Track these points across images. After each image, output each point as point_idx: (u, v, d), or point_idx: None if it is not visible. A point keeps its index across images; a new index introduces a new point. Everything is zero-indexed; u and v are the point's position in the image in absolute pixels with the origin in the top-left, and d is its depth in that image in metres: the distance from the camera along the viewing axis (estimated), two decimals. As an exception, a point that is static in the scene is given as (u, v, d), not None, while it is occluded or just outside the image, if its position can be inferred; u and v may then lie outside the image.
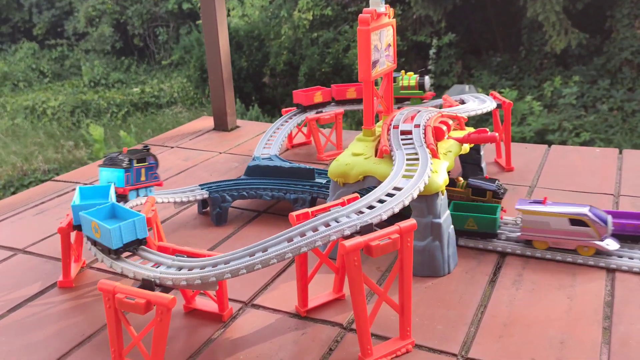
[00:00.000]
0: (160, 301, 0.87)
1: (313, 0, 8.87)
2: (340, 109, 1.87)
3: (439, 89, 8.13)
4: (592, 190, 1.52)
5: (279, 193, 1.45)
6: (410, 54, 8.72)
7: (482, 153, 1.44)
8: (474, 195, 1.33)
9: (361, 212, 0.97)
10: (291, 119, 1.86)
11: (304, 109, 1.86)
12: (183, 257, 0.99)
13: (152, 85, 10.82)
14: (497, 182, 1.32)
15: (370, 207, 0.99)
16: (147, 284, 0.92)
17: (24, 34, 12.71)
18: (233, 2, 9.66)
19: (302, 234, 0.93)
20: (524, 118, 7.06)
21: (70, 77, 11.98)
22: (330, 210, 0.98)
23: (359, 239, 0.89)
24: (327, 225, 0.95)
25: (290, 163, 1.55)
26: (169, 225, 1.46)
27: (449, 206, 1.23)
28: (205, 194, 1.43)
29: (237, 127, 2.24)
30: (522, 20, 8.19)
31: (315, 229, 0.94)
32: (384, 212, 0.97)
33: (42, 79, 11.86)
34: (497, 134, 1.26)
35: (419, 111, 1.36)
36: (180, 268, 0.96)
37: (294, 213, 0.99)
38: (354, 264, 0.89)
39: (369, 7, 1.25)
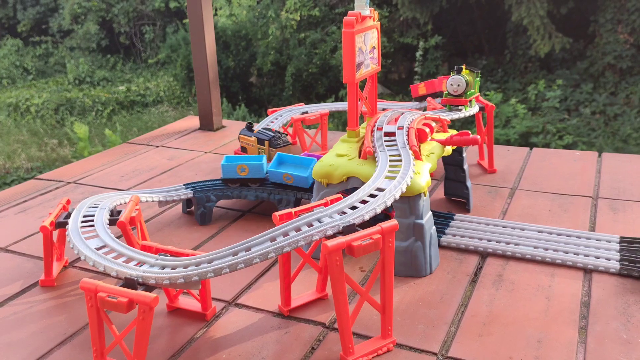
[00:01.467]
0: (143, 300, 0.87)
1: (301, 0, 8.88)
2: (326, 110, 1.88)
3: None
4: (571, 192, 1.55)
5: (263, 193, 1.45)
6: (397, 56, 8.77)
7: (464, 155, 1.45)
8: (259, 145, 1.61)
9: (344, 213, 0.98)
10: (277, 119, 1.86)
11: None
12: (166, 256, 0.99)
13: (138, 84, 10.76)
14: (278, 133, 1.61)
15: (353, 208, 1.00)
16: (130, 283, 0.93)
17: (8, 31, 12.58)
18: (220, 1, 9.65)
19: (285, 234, 0.94)
20: (508, 121, 7.13)
21: (54, 74, 11.87)
22: (313, 211, 0.99)
23: (341, 239, 0.90)
24: (310, 225, 0.95)
25: (274, 163, 1.55)
26: (153, 224, 1.46)
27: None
28: (189, 194, 1.43)
29: (223, 127, 2.24)
30: (507, 24, 8.27)
31: (298, 229, 0.95)
32: (366, 212, 0.98)
33: (26, 76, 11.74)
34: (478, 137, 1.28)
35: (403, 113, 1.38)
36: (163, 267, 0.96)
37: (277, 213, 1.00)
38: (336, 263, 0.90)
39: (354, 9, 1.26)
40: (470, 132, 1.30)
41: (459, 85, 1.56)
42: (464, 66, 1.62)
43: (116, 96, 10.14)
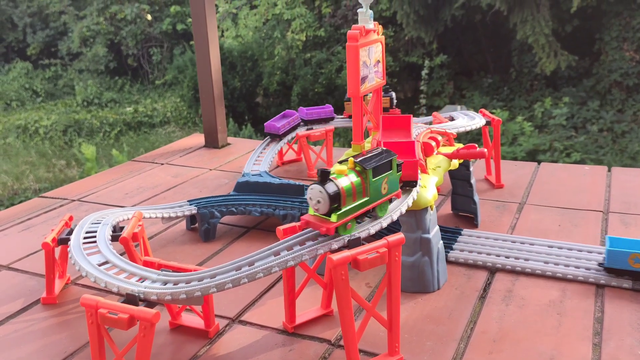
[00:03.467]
0: (144, 316, 0.85)
1: (306, 21, 8.96)
2: (331, 126, 1.87)
3: (431, 110, 8.19)
4: (581, 207, 1.52)
5: (267, 209, 1.44)
6: (402, 75, 8.80)
7: (471, 169, 1.44)
8: None
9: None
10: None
11: None
12: (168, 271, 0.98)
13: (145, 105, 10.83)
14: None
15: (359, 222, 0.98)
16: (131, 299, 0.91)
17: (18, 54, 12.73)
18: (227, 23, 9.74)
19: (289, 248, 0.93)
20: (515, 138, 7.12)
21: (63, 96, 11.98)
22: (317, 224, 0.97)
23: (346, 253, 0.88)
24: (314, 239, 0.94)
25: (279, 179, 1.54)
26: (157, 241, 1.45)
27: None
28: (193, 210, 1.42)
29: (228, 144, 2.23)
30: (512, 42, 8.29)
31: (302, 243, 0.93)
32: (371, 226, 0.96)
33: (35, 98, 11.86)
34: (485, 150, 1.26)
35: (408, 127, 1.36)
36: (165, 282, 0.94)
37: (282, 227, 0.98)
38: (342, 277, 0.88)
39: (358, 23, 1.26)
40: (477, 145, 1.28)
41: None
42: None
43: (124, 117, 10.21)
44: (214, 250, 1.39)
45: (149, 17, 11.35)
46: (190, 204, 1.44)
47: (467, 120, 1.61)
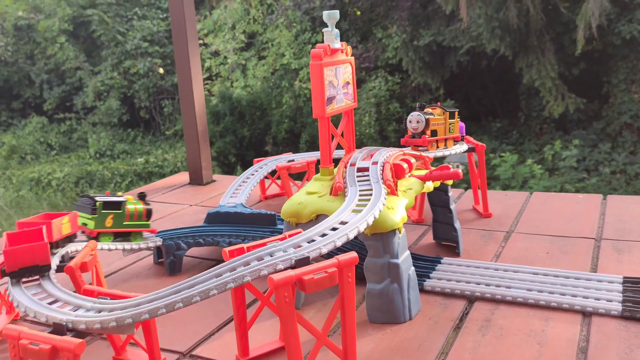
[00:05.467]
0: (66, 346, 0.77)
1: (313, 71, 9.08)
2: (313, 158, 1.81)
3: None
4: (572, 234, 1.43)
5: (236, 239, 1.36)
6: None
7: (450, 194, 1.36)
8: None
9: (300, 247, 0.89)
10: (261, 168, 1.80)
11: None
12: (106, 299, 0.90)
13: (156, 155, 10.94)
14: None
15: (311, 242, 0.91)
16: (58, 329, 0.83)
17: (34, 109, 13.04)
18: (236, 73, 9.91)
19: (233, 269, 0.85)
20: (525, 181, 7.00)
21: (77, 149, 12.17)
22: (266, 245, 0.90)
23: (289, 272, 0.80)
24: (260, 259, 0.86)
25: (251, 209, 1.48)
26: (121, 275, 1.38)
27: None
28: (158, 242, 1.35)
29: (213, 181, 2.18)
30: (519, 86, 8.30)
31: (247, 264, 0.86)
32: (323, 245, 0.89)
33: (50, 151, 12.06)
34: (460, 171, 1.19)
35: (379, 150, 1.30)
36: (100, 311, 0.87)
37: (227, 249, 0.91)
38: (285, 300, 0.80)
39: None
40: (450, 167, 1.21)
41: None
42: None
43: (134, 168, 10.31)
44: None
45: (161, 70, 11.61)
46: (156, 236, 1.37)
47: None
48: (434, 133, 1.42)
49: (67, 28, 11.19)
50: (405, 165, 1.21)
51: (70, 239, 1.16)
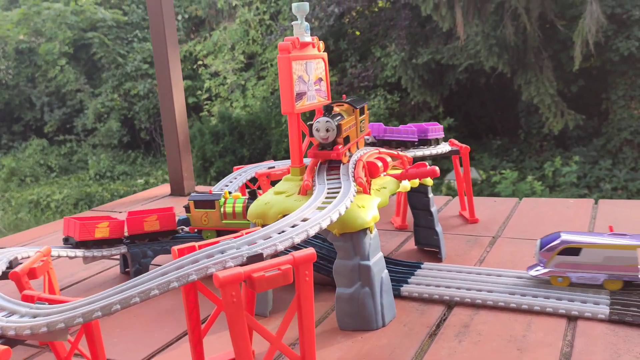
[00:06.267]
0: (-9, 350, 0.70)
1: (312, 90, 9.07)
2: (294, 165, 1.75)
3: (440, 173, 8.06)
4: (562, 238, 1.35)
5: (206, 246, 1.29)
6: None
7: (431, 196, 1.29)
8: None
9: (255, 244, 0.82)
10: (240, 175, 1.74)
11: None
12: (44, 304, 0.83)
13: (156, 177, 10.91)
14: None
15: (268, 238, 0.84)
16: (-13, 333, 0.76)
17: (35, 132, 13.07)
18: (236, 94, 9.92)
19: (180, 268, 0.78)
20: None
21: (77, 171, 12.16)
22: (219, 243, 0.83)
23: (237, 269, 0.73)
24: (210, 257, 0.79)
25: (224, 215, 1.41)
26: (84, 285, 1.31)
27: None
28: (123, 249, 1.28)
29: (195, 192, 2.12)
30: (519, 103, 8.26)
31: (195, 262, 0.79)
32: (280, 242, 0.82)
33: (49, 173, 12.05)
34: (437, 168, 1.12)
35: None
36: (35, 316, 0.80)
37: (176, 247, 0.84)
38: (232, 300, 0.72)
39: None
40: (427, 164, 1.14)
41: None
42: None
43: (134, 189, 10.26)
44: (143, 292, 1.23)
45: (161, 92, 11.64)
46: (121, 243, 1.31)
47: (430, 147, 1.48)
48: (346, 140, 1.12)
49: (68, 51, 11.26)
50: (380, 164, 1.14)
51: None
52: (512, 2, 7.00)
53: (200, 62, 10.64)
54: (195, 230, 1.33)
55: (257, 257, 0.78)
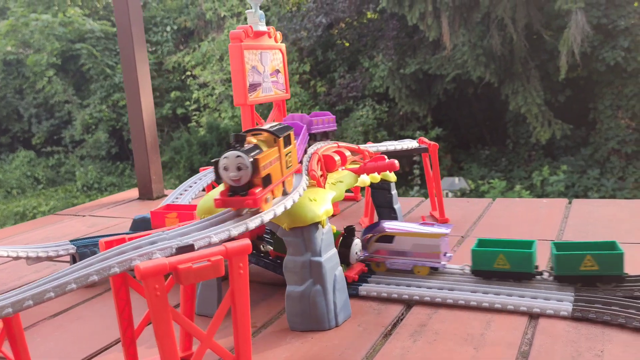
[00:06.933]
0: None
1: (301, 100, 9.06)
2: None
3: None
4: (531, 237, 1.30)
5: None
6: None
7: (394, 192, 1.24)
8: None
9: (188, 235, 0.77)
10: (205, 176, 1.68)
11: None
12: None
13: (143, 188, 10.80)
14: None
15: (203, 230, 0.79)
16: None
17: (23, 143, 12.96)
18: (224, 104, 9.88)
19: (104, 260, 0.72)
20: (513, 207, 6.87)
21: (64, 182, 12.04)
22: (150, 234, 0.78)
23: (161, 260, 0.68)
24: (138, 248, 0.74)
25: (182, 214, 1.35)
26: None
27: None
28: (71, 249, 1.22)
29: (164, 195, 2.06)
30: (507, 114, 8.27)
31: (122, 254, 0.73)
32: (215, 233, 0.76)
33: (36, 185, 11.92)
34: (396, 161, 1.08)
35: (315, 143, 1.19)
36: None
37: (104, 239, 0.78)
38: (155, 294, 0.67)
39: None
40: (385, 157, 1.09)
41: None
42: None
43: (121, 200, 10.16)
44: (91, 295, 1.18)
45: (150, 103, 11.58)
46: (70, 243, 1.25)
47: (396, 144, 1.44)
48: (266, 180, 0.82)
49: (56, 62, 11.20)
50: (337, 158, 1.10)
51: None
52: (498, 12, 7.02)
53: (188, 73, 10.61)
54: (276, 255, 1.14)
55: (188, 249, 0.73)
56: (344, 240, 1.10)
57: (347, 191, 1.82)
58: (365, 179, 1.13)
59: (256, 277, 1.21)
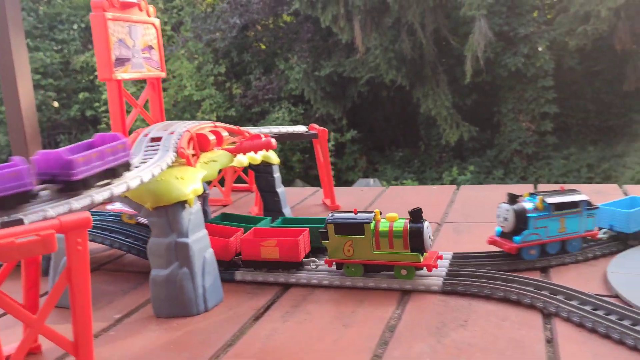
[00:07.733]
0: None
1: (216, 102, 8.89)
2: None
3: (346, 184, 8.12)
4: (417, 220, 1.31)
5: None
6: (312, 151, 8.78)
7: (276, 175, 1.21)
8: None
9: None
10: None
11: None
12: None
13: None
14: None
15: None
16: None
17: None
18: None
19: None
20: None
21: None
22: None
23: (-23, 233, 0.60)
24: (-42, 226, 0.65)
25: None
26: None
27: None
28: None
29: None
30: (419, 116, 8.51)
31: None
32: (52, 207, 0.69)
33: None
34: (273, 140, 1.04)
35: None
36: None
37: None
38: (-29, 271, 0.59)
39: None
40: (262, 135, 1.06)
41: None
42: None
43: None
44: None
45: (56, 104, 10.99)
46: None
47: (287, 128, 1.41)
48: None
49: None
50: (212, 137, 1.04)
51: None
52: (408, 17, 7.22)
53: (97, 74, 10.16)
54: (334, 263, 0.97)
55: (15, 223, 0.65)
56: (412, 226, 0.94)
57: (241, 182, 1.77)
58: (242, 160, 1.08)
59: (129, 266, 1.13)
